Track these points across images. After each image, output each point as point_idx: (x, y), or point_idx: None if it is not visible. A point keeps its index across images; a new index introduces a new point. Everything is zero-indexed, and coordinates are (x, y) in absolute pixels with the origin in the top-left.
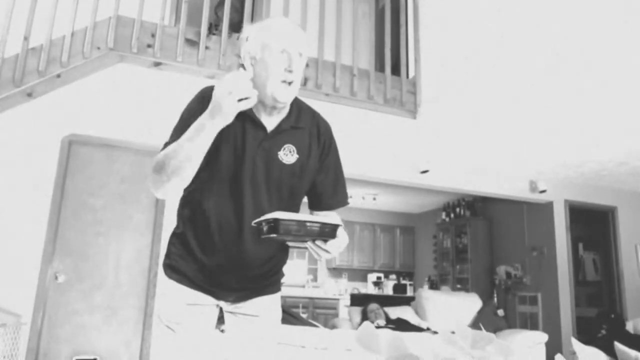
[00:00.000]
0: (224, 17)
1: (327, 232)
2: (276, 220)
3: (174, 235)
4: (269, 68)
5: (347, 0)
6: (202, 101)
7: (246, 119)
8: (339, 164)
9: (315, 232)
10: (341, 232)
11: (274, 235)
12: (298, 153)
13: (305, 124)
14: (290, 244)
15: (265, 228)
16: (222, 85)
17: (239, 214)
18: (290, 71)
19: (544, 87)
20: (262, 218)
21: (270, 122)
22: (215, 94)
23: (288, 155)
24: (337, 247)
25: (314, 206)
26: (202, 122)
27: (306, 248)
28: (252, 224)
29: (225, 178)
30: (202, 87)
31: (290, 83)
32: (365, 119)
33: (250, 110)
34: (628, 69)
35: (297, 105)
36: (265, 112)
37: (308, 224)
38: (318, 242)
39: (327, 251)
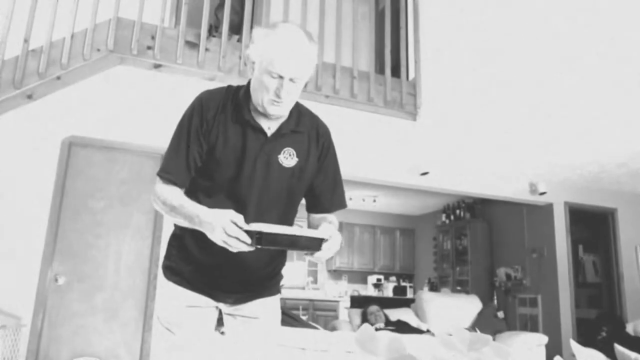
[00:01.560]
0: (223, 19)
1: (312, 245)
2: (260, 233)
3: (173, 236)
4: (261, 85)
5: (347, 2)
6: (199, 109)
7: (246, 124)
8: (337, 167)
9: (299, 245)
10: (335, 236)
11: (258, 246)
12: (298, 156)
13: (304, 128)
14: None
15: (250, 238)
16: (222, 226)
17: None
18: (277, 96)
19: (544, 89)
20: (247, 229)
21: (270, 126)
22: (214, 222)
23: (288, 158)
24: (327, 255)
25: (311, 208)
26: (193, 216)
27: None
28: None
29: (224, 181)
30: (200, 93)
31: (280, 102)
32: (365, 120)
33: (250, 115)
34: (628, 70)
35: (297, 109)
36: (263, 116)
37: (292, 237)
38: (305, 253)
39: (316, 257)
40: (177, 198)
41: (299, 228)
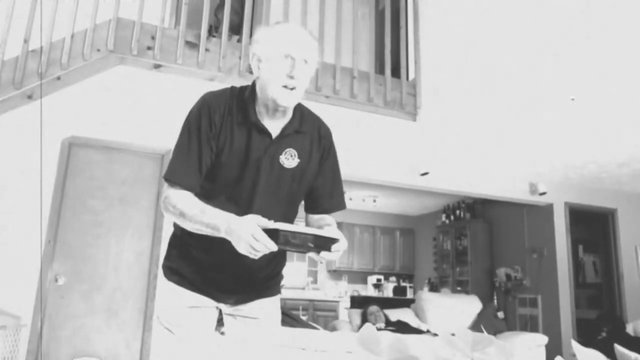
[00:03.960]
0: (223, 19)
1: (326, 245)
2: (276, 231)
3: (174, 237)
4: (272, 71)
5: (347, 2)
6: (206, 110)
7: (252, 126)
8: (337, 168)
9: (313, 244)
10: (342, 237)
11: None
12: (299, 157)
13: (307, 129)
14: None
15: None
16: (251, 233)
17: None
18: (291, 77)
19: (544, 89)
20: (266, 227)
21: (274, 126)
22: (243, 234)
23: (289, 159)
24: (336, 256)
25: (310, 209)
26: (220, 224)
27: (305, 253)
28: None
29: (227, 183)
30: (203, 94)
31: (292, 88)
32: (365, 121)
33: (255, 116)
34: (628, 70)
35: (300, 110)
36: (268, 115)
37: (307, 236)
38: (316, 255)
39: (323, 258)
40: (197, 206)
41: (312, 228)
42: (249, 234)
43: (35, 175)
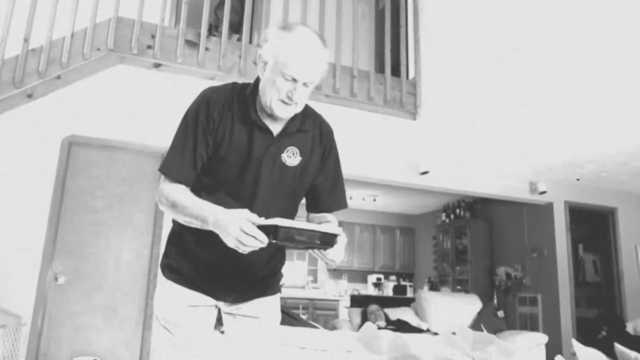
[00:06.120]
0: (223, 18)
1: (326, 240)
2: (276, 227)
3: (172, 234)
4: (273, 83)
5: (347, 1)
6: (205, 105)
7: (252, 124)
8: (338, 167)
9: (314, 240)
10: (342, 233)
11: (274, 241)
12: (301, 155)
13: (309, 127)
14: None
15: (266, 234)
16: (240, 225)
17: None
18: (290, 98)
19: (544, 89)
20: (263, 223)
21: (275, 124)
22: (230, 226)
23: (291, 157)
24: (339, 253)
25: (312, 208)
26: (208, 216)
27: (306, 249)
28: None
29: (228, 179)
30: (203, 90)
31: (290, 104)
32: (365, 120)
33: (256, 115)
34: (628, 70)
35: (302, 109)
36: (269, 116)
37: (307, 232)
38: (317, 252)
39: (331, 260)
40: (188, 198)
41: (313, 224)
42: (237, 228)
43: (35, 175)
